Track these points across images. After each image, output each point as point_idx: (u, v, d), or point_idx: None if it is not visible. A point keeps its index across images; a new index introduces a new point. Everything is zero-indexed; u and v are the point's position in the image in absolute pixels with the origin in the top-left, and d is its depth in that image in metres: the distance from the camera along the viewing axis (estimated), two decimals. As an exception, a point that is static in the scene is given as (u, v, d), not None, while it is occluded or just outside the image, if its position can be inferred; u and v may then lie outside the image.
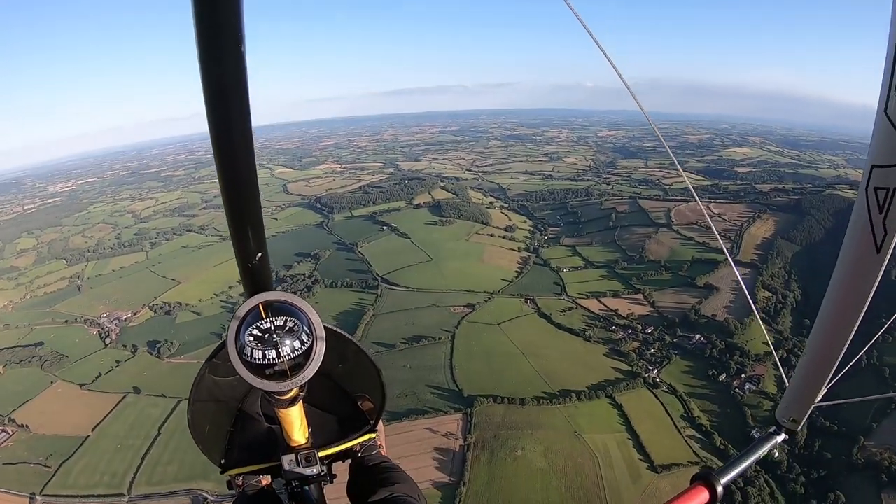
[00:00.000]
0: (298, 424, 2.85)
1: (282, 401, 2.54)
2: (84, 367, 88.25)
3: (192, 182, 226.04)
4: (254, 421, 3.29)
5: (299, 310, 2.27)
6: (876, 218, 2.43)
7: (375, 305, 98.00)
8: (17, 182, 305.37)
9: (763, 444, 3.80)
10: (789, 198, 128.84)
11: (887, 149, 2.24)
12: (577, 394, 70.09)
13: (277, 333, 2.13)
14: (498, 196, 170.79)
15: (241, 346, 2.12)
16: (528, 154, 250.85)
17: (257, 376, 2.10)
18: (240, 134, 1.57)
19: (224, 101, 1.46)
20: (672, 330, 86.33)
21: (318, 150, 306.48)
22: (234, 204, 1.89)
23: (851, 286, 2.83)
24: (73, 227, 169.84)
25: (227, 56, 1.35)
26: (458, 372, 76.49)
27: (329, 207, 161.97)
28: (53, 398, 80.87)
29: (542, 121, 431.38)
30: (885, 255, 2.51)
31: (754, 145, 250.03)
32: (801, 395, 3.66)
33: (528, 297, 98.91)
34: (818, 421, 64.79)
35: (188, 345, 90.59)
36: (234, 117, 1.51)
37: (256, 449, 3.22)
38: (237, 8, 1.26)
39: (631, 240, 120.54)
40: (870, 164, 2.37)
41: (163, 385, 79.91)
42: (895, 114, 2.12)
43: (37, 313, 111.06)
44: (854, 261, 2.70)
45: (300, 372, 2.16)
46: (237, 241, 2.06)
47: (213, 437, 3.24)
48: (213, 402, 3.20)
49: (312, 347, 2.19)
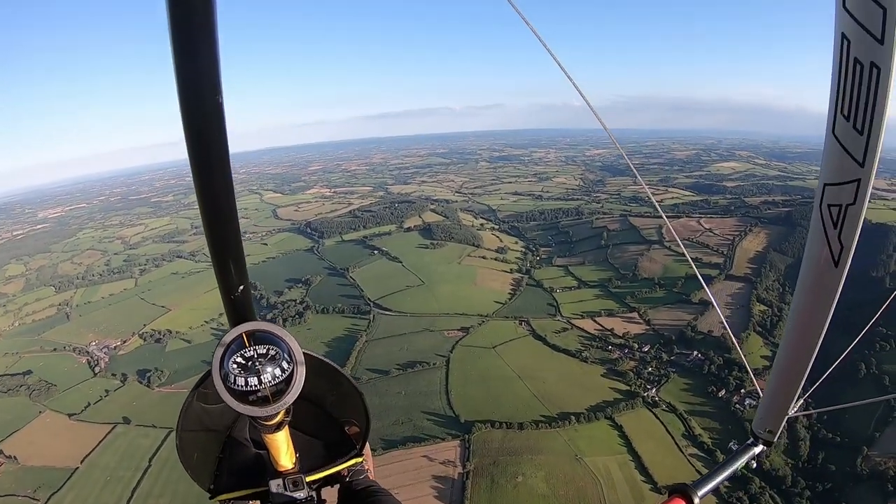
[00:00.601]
0: (285, 449, 2.94)
1: (268, 426, 2.64)
2: (73, 397, 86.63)
3: (182, 208, 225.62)
4: (242, 447, 3.31)
5: (280, 338, 2.40)
6: (831, 233, 2.57)
7: (368, 331, 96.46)
8: (5, 207, 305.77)
9: (740, 455, 3.93)
10: (779, 210, 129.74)
11: (837, 168, 2.38)
12: (577, 416, 68.94)
13: (259, 361, 2.27)
14: (488, 217, 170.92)
15: (226, 373, 2.25)
16: (517, 175, 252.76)
17: (241, 402, 2.23)
18: (220, 175, 1.68)
19: (205, 145, 1.58)
20: (669, 347, 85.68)
21: (307, 174, 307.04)
22: (216, 240, 2.02)
23: (814, 300, 2.95)
24: (61, 254, 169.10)
25: (208, 107, 1.48)
26: (455, 397, 75.08)
27: (319, 232, 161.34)
28: (42, 428, 79.22)
29: (529, 141, 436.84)
30: (843, 268, 2.64)
31: (741, 159, 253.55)
32: (775, 407, 3.80)
33: (522, 319, 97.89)
34: (820, 433, 64.64)
35: (178, 373, 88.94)
36: (214, 161, 1.63)
37: (245, 474, 3.22)
38: (215, 65, 1.40)
39: (623, 258, 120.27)
40: (822, 182, 2.50)
41: (153, 415, 78.07)
42: (842, 134, 2.27)
43: (25, 341, 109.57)
44: (814, 276, 2.83)
45: (282, 398, 2.28)
46: (220, 274, 2.18)
47: (202, 463, 3.23)
48: (202, 429, 3.22)
49: (293, 374, 2.32)
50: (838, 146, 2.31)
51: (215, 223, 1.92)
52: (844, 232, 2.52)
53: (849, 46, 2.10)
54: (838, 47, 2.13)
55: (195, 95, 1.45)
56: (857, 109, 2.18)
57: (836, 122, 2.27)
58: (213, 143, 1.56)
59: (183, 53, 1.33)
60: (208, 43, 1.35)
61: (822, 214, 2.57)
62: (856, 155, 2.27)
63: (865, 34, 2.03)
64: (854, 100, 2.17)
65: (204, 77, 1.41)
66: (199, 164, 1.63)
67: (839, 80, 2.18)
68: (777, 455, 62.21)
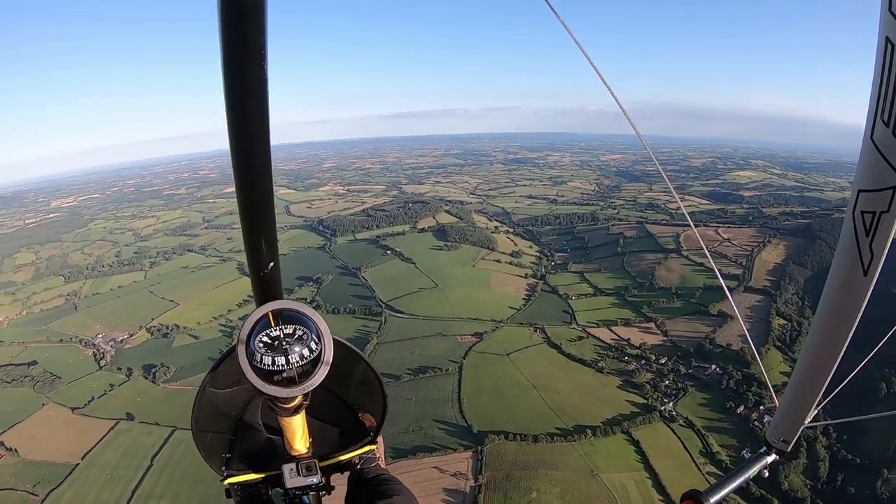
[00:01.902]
0: (300, 434, 2.90)
1: (286, 409, 2.60)
2: (77, 390, 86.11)
3: (195, 201, 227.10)
4: (254, 430, 3.26)
5: (308, 318, 2.36)
6: (863, 241, 2.54)
7: (379, 333, 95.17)
8: (19, 195, 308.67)
9: (753, 464, 3.96)
10: (798, 222, 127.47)
11: (873, 174, 2.35)
12: (592, 430, 67.24)
13: (287, 341, 2.22)
14: (503, 220, 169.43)
15: (252, 352, 2.20)
16: (532, 178, 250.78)
17: (266, 382, 2.19)
18: (259, 147, 1.67)
19: (246, 115, 1.56)
20: (686, 360, 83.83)
21: (320, 171, 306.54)
22: (250, 214, 2.00)
23: (840, 308, 2.91)
24: (72, 244, 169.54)
25: (251, 75, 1.44)
26: (467, 406, 73.51)
27: (332, 230, 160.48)
28: (44, 421, 78.73)
29: (544, 144, 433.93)
30: (872, 277, 2.62)
31: (758, 168, 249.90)
32: (791, 417, 3.78)
33: (537, 326, 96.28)
34: (840, 453, 62.89)
35: (184, 370, 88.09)
36: (255, 132, 1.61)
37: (256, 458, 3.18)
38: (262, 28, 1.35)
39: (640, 266, 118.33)
40: (856, 188, 2.48)
41: (157, 412, 77.50)
42: (881, 140, 2.25)
43: (32, 331, 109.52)
44: (842, 283, 2.80)
45: (308, 379, 2.24)
46: (251, 250, 2.15)
47: (215, 444, 3.19)
48: (215, 412, 3.15)
49: (320, 356, 2.28)
50: (876, 152, 2.26)
51: (251, 198, 1.91)
52: (876, 240, 2.48)
53: (892, 51, 2.08)
54: (882, 51, 2.11)
55: (239, 64, 1.41)
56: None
57: (874, 127, 2.23)
58: (256, 110, 1.55)
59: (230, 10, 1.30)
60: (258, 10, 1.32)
61: (855, 221, 2.52)
62: (894, 162, 2.22)
63: None
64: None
65: (252, 37, 1.36)
66: (239, 138, 1.62)
67: (881, 85, 2.15)
68: (796, 475, 60.50)
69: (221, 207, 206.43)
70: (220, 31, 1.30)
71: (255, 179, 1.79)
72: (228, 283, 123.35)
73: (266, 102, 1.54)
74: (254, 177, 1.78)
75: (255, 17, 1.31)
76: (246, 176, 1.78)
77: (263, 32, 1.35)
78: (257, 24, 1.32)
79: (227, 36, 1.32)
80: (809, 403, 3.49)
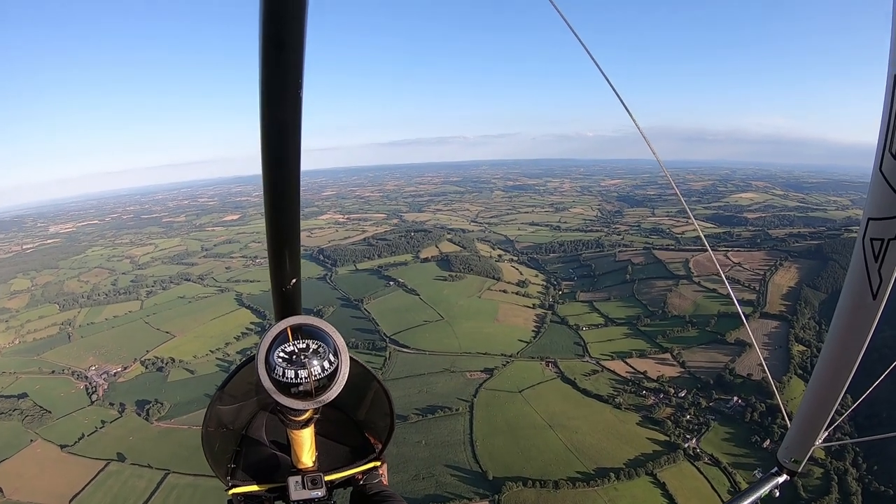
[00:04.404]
0: (308, 447, 2.96)
1: (297, 422, 2.68)
2: (67, 426, 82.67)
3: (193, 229, 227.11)
4: (259, 444, 3.31)
5: (327, 334, 2.42)
6: (872, 267, 2.69)
7: (384, 370, 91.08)
8: (18, 220, 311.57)
9: (764, 483, 4.06)
10: (809, 243, 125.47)
11: (882, 203, 2.52)
12: (616, 472, 62.98)
13: (305, 355, 2.29)
14: (506, 248, 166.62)
15: (272, 365, 2.26)
16: (533, 204, 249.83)
17: (283, 394, 2.25)
18: (292, 166, 1.77)
19: (282, 137, 1.67)
20: (707, 392, 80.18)
21: (319, 199, 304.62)
22: (277, 231, 2.09)
23: (850, 331, 3.06)
24: (69, 270, 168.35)
25: (288, 99, 1.56)
26: (480, 449, 69.22)
27: (332, 260, 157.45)
28: (31, 459, 75.22)
29: (543, 171, 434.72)
30: (881, 301, 2.75)
31: (759, 190, 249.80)
32: (803, 437, 3.88)
33: (549, 361, 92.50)
34: (871, 485, 59.74)
35: (179, 407, 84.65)
36: (290, 154, 1.73)
37: (261, 470, 3.22)
38: (300, 57, 1.47)
39: (651, 294, 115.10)
40: (866, 217, 2.65)
41: (150, 453, 73.52)
42: (889, 172, 2.41)
43: (23, 361, 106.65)
44: (852, 307, 2.94)
45: (324, 393, 2.29)
46: (275, 266, 2.27)
47: (222, 454, 3.22)
48: (221, 425, 3.20)
49: (337, 370, 2.34)
50: (885, 183, 2.41)
51: (279, 215, 2.00)
52: (885, 266, 2.61)
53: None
54: (891, 88, 2.24)
55: (278, 87, 1.51)
56: None
57: (883, 159, 2.38)
58: (290, 132, 1.65)
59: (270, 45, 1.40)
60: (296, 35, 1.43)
61: (865, 247, 2.67)
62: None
63: None
64: None
65: (290, 65, 1.47)
66: (272, 155, 1.71)
67: (890, 119, 2.29)
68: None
69: (220, 236, 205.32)
70: (261, 58, 1.41)
71: (285, 196, 1.88)
72: (226, 315, 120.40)
73: (300, 126, 1.64)
74: (284, 195, 1.88)
75: (294, 46, 1.42)
76: (276, 193, 1.86)
77: (301, 61, 1.47)
78: (296, 53, 1.44)
79: (267, 63, 1.42)
80: (820, 424, 3.55)
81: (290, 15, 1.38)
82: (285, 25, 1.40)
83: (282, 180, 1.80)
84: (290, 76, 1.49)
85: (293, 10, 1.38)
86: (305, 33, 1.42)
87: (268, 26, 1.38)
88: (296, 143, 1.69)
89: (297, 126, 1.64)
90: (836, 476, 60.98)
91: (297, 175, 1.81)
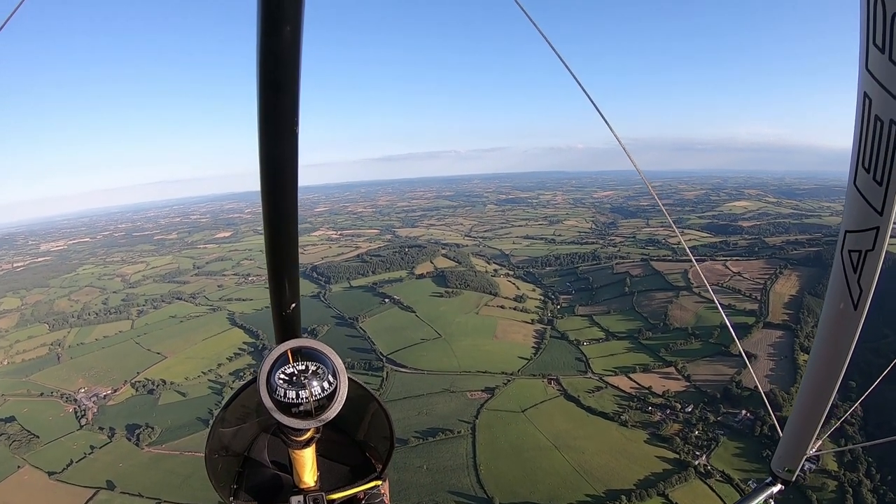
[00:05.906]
0: (310, 467, 3.01)
1: (298, 441, 2.76)
2: (55, 452, 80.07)
3: (185, 247, 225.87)
4: (261, 466, 3.33)
5: (326, 356, 2.51)
6: (851, 278, 2.79)
7: (382, 390, 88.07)
8: (9, 238, 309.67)
9: (758, 494, 4.24)
10: (807, 250, 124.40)
11: (857, 216, 2.62)
12: (626, 494, 60.61)
13: (305, 376, 2.37)
14: (502, 263, 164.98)
15: (273, 386, 2.34)
16: (527, 218, 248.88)
17: (285, 414, 2.33)
18: (289, 197, 1.88)
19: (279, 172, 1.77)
20: (714, 406, 78.18)
21: (312, 215, 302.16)
22: (276, 258, 2.16)
23: (833, 342, 3.15)
24: (59, 289, 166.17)
25: (286, 134, 1.65)
26: (485, 473, 66.48)
27: (326, 277, 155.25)
28: (17, 487, 72.97)
29: (535, 184, 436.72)
30: (862, 311, 2.85)
31: (752, 198, 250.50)
32: (794, 447, 4.00)
33: (550, 378, 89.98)
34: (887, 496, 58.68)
35: (171, 431, 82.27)
36: (287, 187, 1.83)
37: (263, 490, 3.26)
38: (295, 98, 1.58)
39: (651, 306, 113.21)
40: (843, 229, 2.78)
41: (140, 480, 70.90)
42: (863, 185, 2.52)
43: (12, 383, 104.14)
44: (835, 318, 3.02)
45: (324, 412, 2.37)
46: (275, 291, 2.33)
47: (224, 474, 3.24)
48: (222, 447, 3.23)
49: (336, 391, 2.41)
50: (859, 196, 2.53)
51: (278, 242, 2.07)
52: (864, 277, 2.72)
53: (870, 105, 2.33)
54: (861, 105, 2.37)
55: (275, 125, 1.61)
56: (877, 163, 2.42)
57: (857, 174, 2.51)
58: (287, 167, 1.75)
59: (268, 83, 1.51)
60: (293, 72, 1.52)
61: (844, 259, 2.78)
62: (875, 204, 2.50)
63: (886, 94, 2.24)
64: (874, 154, 2.42)
65: (286, 105, 1.57)
66: (271, 187, 1.81)
67: (861, 136, 2.43)
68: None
69: (212, 253, 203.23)
70: (259, 101, 1.52)
71: (283, 226, 1.99)
72: (219, 335, 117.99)
73: (296, 161, 1.74)
74: (281, 224, 1.98)
75: (289, 89, 1.53)
76: (275, 223, 1.97)
77: (296, 101, 1.57)
78: (292, 94, 1.55)
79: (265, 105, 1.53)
80: (811, 434, 3.68)
81: (288, 58, 1.46)
82: (282, 68, 1.48)
83: (281, 211, 1.91)
84: (287, 115, 1.58)
85: (289, 53, 1.45)
86: (300, 75, 1.51)
87: (265, 70, 1.46)
88: (293, 177, 1.79)
89: (293, 161, 1.73)
90: (851, 488, 59.65)
91: (294, 206, 1.92)
